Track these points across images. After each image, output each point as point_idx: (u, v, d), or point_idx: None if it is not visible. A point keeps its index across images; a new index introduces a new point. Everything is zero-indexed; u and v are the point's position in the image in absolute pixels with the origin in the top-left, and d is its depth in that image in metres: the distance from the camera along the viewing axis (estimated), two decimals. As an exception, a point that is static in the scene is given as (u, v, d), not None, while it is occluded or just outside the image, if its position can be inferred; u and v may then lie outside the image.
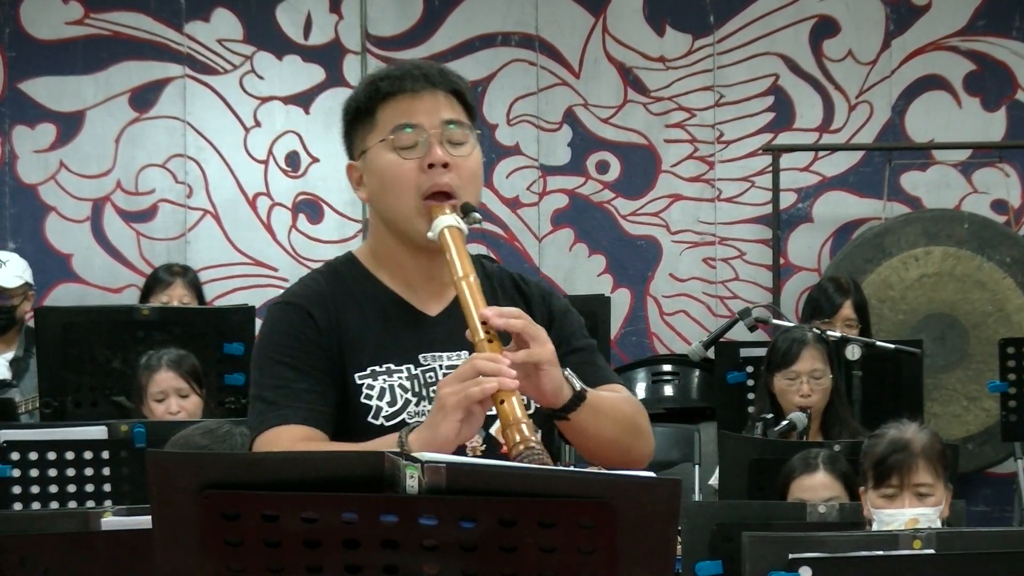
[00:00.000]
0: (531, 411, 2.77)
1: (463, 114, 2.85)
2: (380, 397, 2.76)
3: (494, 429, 2.77)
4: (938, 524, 3.91)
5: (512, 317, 2.62)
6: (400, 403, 2.76)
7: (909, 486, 3.97)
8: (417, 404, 2.76)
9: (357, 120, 2.85)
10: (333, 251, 7.49)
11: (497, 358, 2.56)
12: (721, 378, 5.73)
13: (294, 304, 2.81)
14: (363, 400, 2.75)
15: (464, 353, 2.75)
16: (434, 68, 2.87)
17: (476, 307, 2.64)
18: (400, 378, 2.77)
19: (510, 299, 2.86)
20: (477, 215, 2.77)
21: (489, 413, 2.69)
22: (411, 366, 2.78)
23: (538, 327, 2.64)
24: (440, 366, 2.78)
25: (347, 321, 2.79)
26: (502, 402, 2.53)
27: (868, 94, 7.59)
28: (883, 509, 3.96)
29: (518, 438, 2.50)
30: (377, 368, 2.77)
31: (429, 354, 2.80)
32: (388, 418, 2.75)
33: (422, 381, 2.77)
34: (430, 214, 2.75)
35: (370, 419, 2.75)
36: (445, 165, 2.77)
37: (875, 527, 3.94)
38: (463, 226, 2.74)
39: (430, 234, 2.74)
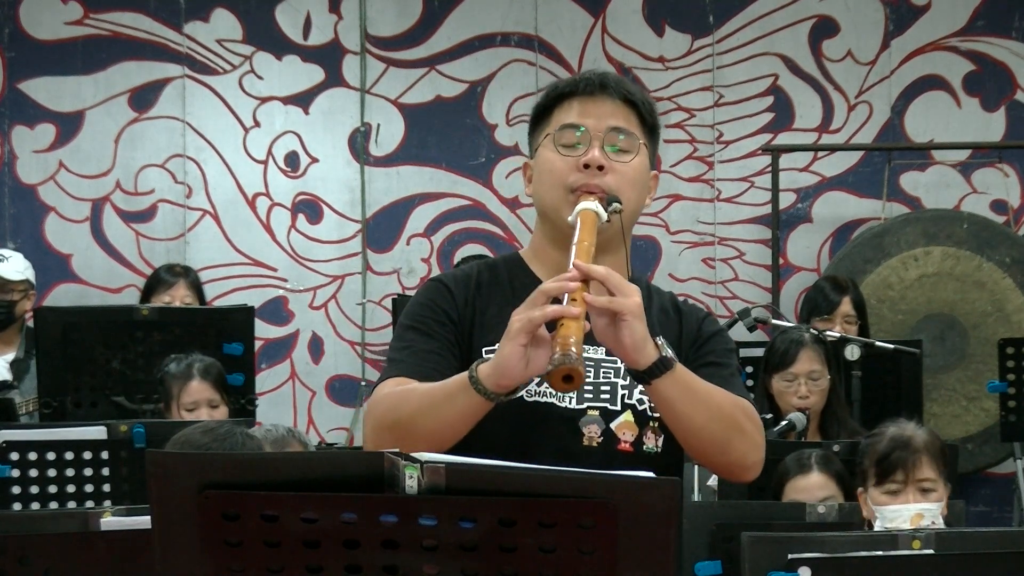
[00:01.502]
0: (657, 414, 2.80)
1: (635, 126, 2.92)
2: None
3: (616, 423, 2.79)
4: (941, 521, 3.92)
5: (598, 269, 2.63)
6: None
7: (913, 481, 3.98)
8: (539, 384, 2.77)
9: (537, 119, 2.93)
10: (332, 251, 7.51)
11: (565, 284, 2.58)
12: (720, 378, 5.72)
13: (439, 280, 2.93)
14: None
15: (601, 349, 2.80)
16: (616, 78, 2.95)
17: (575, 257, 2.66)
18: None
19: (662, 323, 2.87)
20: (619, 204, 2.80)
21: (613, 408, 2.76)
22: None
23: (626, 282, 2.65)
24: None
25: (488, 302, 2.87)
26: (562, 324, 2.54)
27: (867, 94, 7.59)
28: (886, 506, 3.97)
29: (558, 348, 2.50)
30: None
31: None
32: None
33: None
34: (576, 203, 2.79)
35: None
36: (600, 168, 2.82)
37: (878, 525, 3.95)
38: (602, 212, 2.77)
39: (570, 217, 2.77)
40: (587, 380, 2.76)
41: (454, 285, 2.89)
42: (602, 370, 2.84)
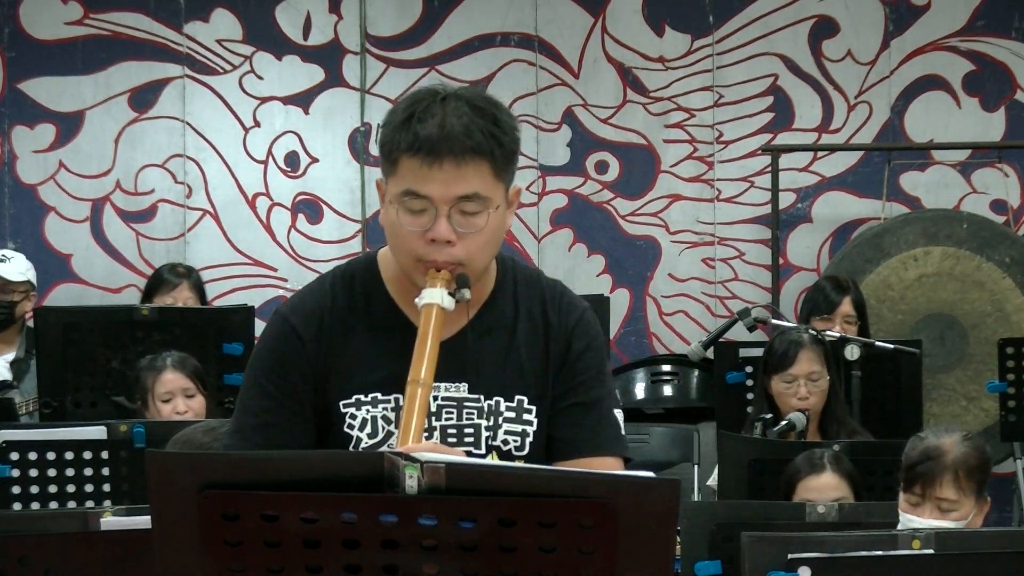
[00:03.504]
0: (524, 453, 2.76)
1: (487, 176, 2.68)
2: (362, 428, 2.72)
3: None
4: None
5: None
6: (381, 435, 2.72)
7: (932, 498, 3.92)
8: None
9: (384, 150, 2.72)
10: (332, 251, 7.50)
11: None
12: (720, 378, 5.73)
13: (289, 323, 2.77)
14: (346, 430, 2.73)
15: (464, 386, 2.73)
16: (461, 126, 2.67)
17: (404, 432, 2.55)
18: (385, 409, 2.73)
19: (527, 334, 2.79)
20: (467, 292, 2.67)
21: (477, 452, 2.68)
22: (400, 396, 2.68)
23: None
24: (436, 397, 2.72)
25: (342, 341, 2.76)
26: None
27: (867, 94, 7.59)
28: (907, 513, 3.95)
29: None
30: (363, 397, 2.73)
31: None
32: (368, 450, 2.70)
33: None
34: (426, 274, 2.68)
35: (351, 449, 2.71)
36: (449, 242, 2.66)
37: (900, 527, 3.93)
38: (448, 304, 2.65)
39: (417, 300, 2.67)
40: (451, 422, 2.73)
41: (305, 330, 2.75)
42: (465, 411, 2.75)
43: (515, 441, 2.75)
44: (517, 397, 2.77)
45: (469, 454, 2.68)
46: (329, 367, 2.74)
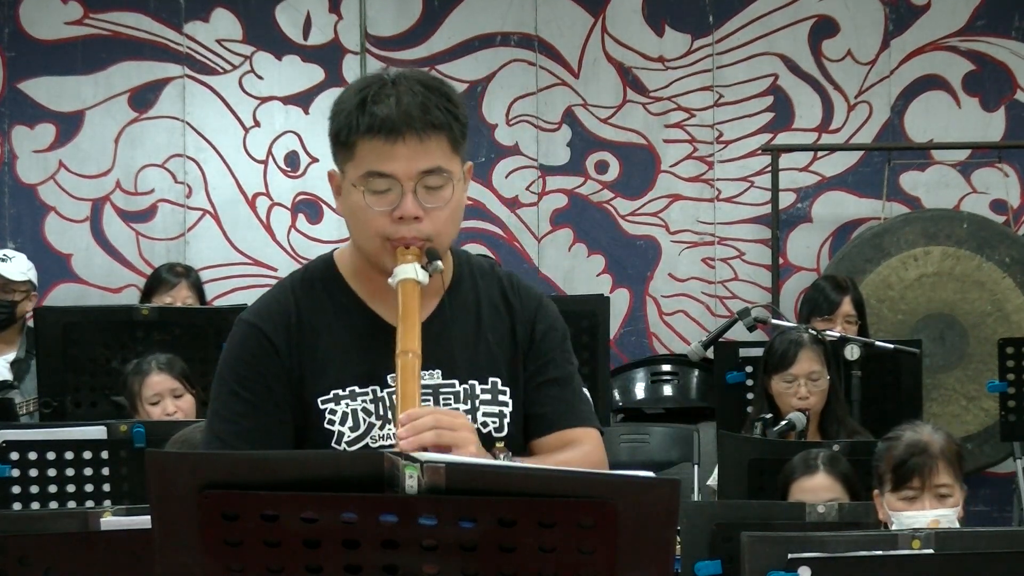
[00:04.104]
0: (504, 433, 2.78)
1: (445, 151, 2.71)
2: (343, 422, 2.73)
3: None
4: (957, 525, 3.91)
5: (425, 429, 2.53)
6: (363, 427, 2.73)
7: (930, 488, 3.97)
8: (381, 428, 2.73)
9: (337, 139, 2.75)
10: (332, 251, 7.50)
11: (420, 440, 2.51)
12: (720, 378, 5.73)
13: (256, 327, 2.78)
14: (326, 426, 2.73)
15: (437, 372, 2.74)
16: (417, 105, 2.69)
17: (403, 399, 2.58)
18: (364, 401, 2.73)
19: (492, 320, 2.82)
20: (439, 264, 2.70)
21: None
22: (377, 388, 2.73)
23: (455, 422, 2.59)
24: None
25: (312, 341, 2.76)
26: None
27: (867, 94, 7.59)
28: (903, 512, 3.96)
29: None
30: (340, 392, 2.74)
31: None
32: (351, 443, 2.72)
33: (388, 403, 2.73)
34: (395, 254, 2.70)
35: (333, 445, 2.72)
36: (416, 218, 2.69)
37: (896, 527, 3.94)
38: (422, 278, 2.68)
39: (391, 280, 2.69)
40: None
41: (273, 332, 2.75)
42: (441, 397, 2.76)
43: (494, 423, 2.78)
44: (491, 379, 2.79)
45: None
46: (303, 367, 2.74)
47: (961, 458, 4.06)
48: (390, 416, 2.70)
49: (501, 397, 2.79)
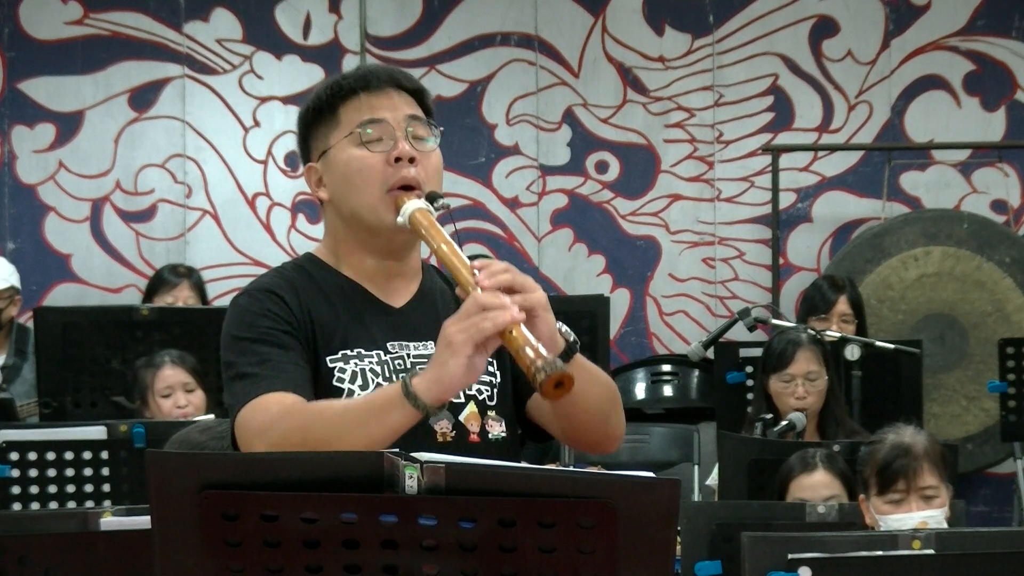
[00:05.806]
0: (495, 402, 2.80)
1: (424, 113, 2.86)
2: (352, 380, 2.75)
3: (464, 416, 2.77)
4: (944, 526, 3.92)
5: (500, 272, 2.61)
6: (372, 386, 2.74)
7: (916, 489, 3.97)
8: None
9: (317, 120, 2.85)
10: (332, 251, 7.50)
11: (497, 295, 2.55)
12: (720, 378, 5.74)
13: (262, 290, 2.82)
14: (335, 383, 2.74)
15: (430, 343, 2.74)
16: (394, 70, 2.90)
17: (463, 265, 2.64)
18: (371, 363, 2.76)
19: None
20: (445, 200, 2.77)
21: (456, 400, 2.71)
22: (380, 352, 2.77)
23: (526, 276, 2.64)
24: (408, 355, 2.78)
25: (316, 307, 2.80)
26: (510, 332, 2.51)
27: (867, 94, 7.59)
28: (890, 515, 3.96)
29: (532, 355, 2.46)
30: (348, 352, 2.76)
31: (396, 343, 2.79)
32: None
33: (392, 368, 2.76)
34: (395, 204, 2.76)
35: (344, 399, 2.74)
36: (412, 160, 2.77)
37: (884, 530, 3.94)
38: (431, 209, 2.75)
39: (400, 219, 2.74)
40: None
41: (283, 292, 2.80)
42: None
43: (487, 391, 2.80)
44: None
45: (451, 404, 2.70)
46: (312, 328, 2.77)
47: (946, 458, 4.06)
48: (396, 379, 2.70)
49: (490, 368, 2.80)
